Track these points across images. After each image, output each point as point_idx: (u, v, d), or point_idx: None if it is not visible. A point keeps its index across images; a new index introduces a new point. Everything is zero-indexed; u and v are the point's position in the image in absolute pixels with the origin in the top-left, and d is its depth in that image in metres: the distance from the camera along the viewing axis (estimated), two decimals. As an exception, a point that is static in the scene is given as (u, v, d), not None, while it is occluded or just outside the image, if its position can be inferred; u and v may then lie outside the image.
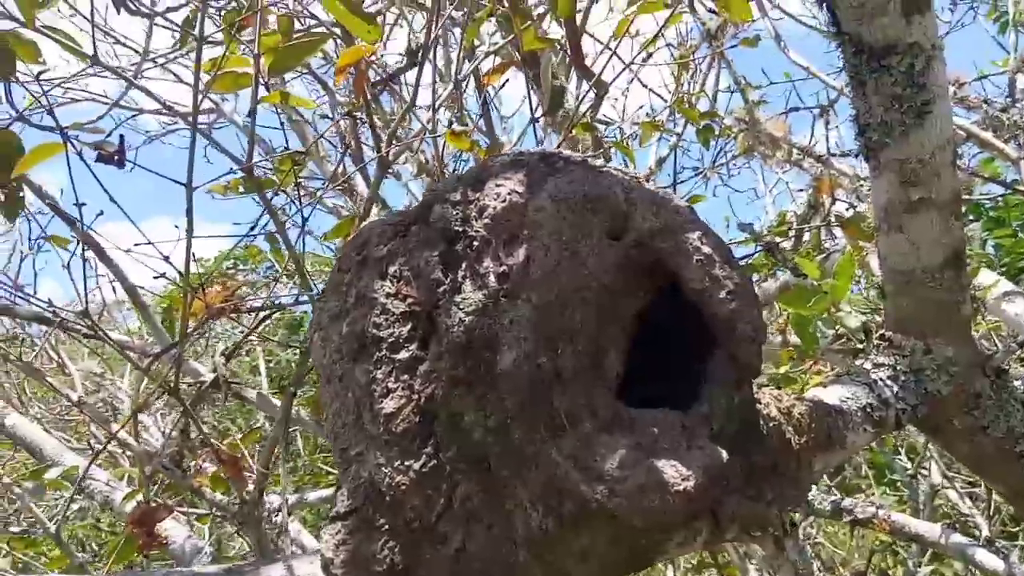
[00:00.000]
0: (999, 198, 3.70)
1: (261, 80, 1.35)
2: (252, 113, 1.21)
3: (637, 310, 0.96)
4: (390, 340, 0.80)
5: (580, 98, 1.88)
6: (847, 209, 2.63)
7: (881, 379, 1.28)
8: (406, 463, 0.76)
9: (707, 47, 2.80)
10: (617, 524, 0.78)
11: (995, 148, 2.23)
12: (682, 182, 3.53)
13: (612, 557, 0.81)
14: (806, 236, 3.22)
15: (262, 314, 1.52)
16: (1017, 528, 2.68)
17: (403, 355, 0.79)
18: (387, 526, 0.76)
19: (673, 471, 0.80)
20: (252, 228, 1.36)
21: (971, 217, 3.35)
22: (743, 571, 3.00)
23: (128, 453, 1.80)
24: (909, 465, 3.43)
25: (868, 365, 1.32)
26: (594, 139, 2.15)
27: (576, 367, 0.82)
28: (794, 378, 1.52)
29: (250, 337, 1.67)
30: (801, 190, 3.68)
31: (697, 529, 0.98)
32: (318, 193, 1.79)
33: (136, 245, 1.37)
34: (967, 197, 2.92)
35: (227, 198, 1.58)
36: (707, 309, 0.87)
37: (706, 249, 0.87)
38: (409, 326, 0.80)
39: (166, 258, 1.37)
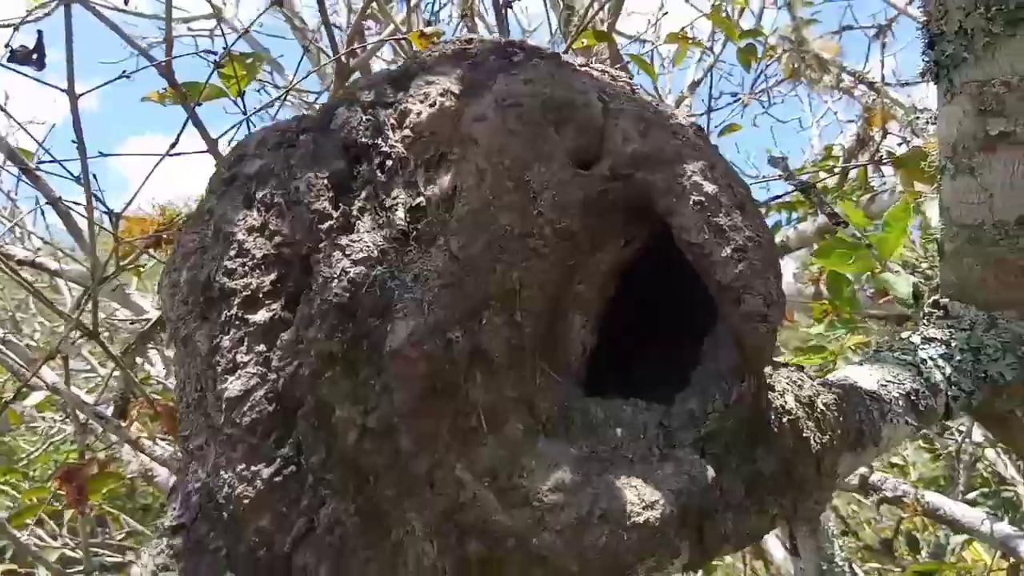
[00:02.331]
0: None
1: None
2: None
3: (616, 262, 0.72)
4: (244, 295, 0.57)
5: (595, -2, 1.58)
6: (899, 145, 2.32)
7: (931, 358, 1.03)
8: (253, 468, 0.54)
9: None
10: (550, 569, 0.55)
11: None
12: (717, 109, 3.21)
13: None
14: (852, 173, 2.91)
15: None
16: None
17: (261, 316, 0.56)
18: (224, 551, 0.55)
19: (633, 495, 0.58)
20: (173, 145, 1.12)
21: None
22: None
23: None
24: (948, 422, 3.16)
25: (916, 339, 1.07)
26: (612, 51, 1.85)
27: (509, 345, 0.58)
28: (822, 346, 1.27)
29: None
30: (851, 121, 3.34)
31: (675, 550, 0.76)
32: (273, 102, 1.54)
33: (40, 163, 1.15)
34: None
35: (166, 106, 1.33)
36: (705, 271, 0.62)
37: (709, 187, 0.62)
38: (274, 275, 0.57)
39: (76, 179, 1.15)
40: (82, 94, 0.90)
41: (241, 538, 0.55)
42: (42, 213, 1.32)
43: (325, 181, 0.59)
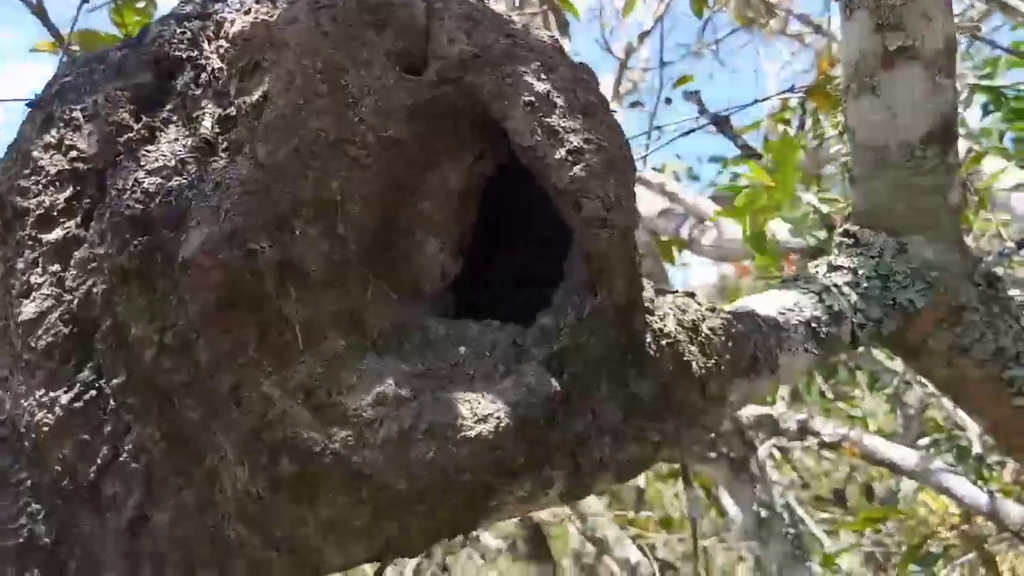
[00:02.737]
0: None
1: None
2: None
3: (470, 180, 0.69)
4: (38, 213, 0.54)
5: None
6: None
7: (835, 286, 1.01)
8: (52, 394, 0.51)
9: None
10: (373, 487, 0.53)
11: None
12: (669, 63, 3.17)
13: (386, 532, 0.56)
14: (808, 124, 2.88)
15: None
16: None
17: (54, 235, 0.53)
18: (28, 483, 0.52)
19: (466, 409, 0.55)
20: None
21: (991, 108, 2.96)
22: (715, 483, 2.83)
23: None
24: (900, 368, 3.16)
25: (823, 268, 1.05)
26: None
27: (329, 259, 0.55)
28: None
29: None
30: (806, 72, 3.31)
31: (547, 480, 0.73)
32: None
33: None
34: (987, 83, 2.56)
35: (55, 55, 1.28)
36: (542, 175, 0.59)
37: (540, 87, 0.59)
38: (68, 192, 0.54)
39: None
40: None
41: (45, 468, 0.52)
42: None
43: (127, 93, 0.56)
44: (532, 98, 0.58)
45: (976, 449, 2.61)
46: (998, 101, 3.08)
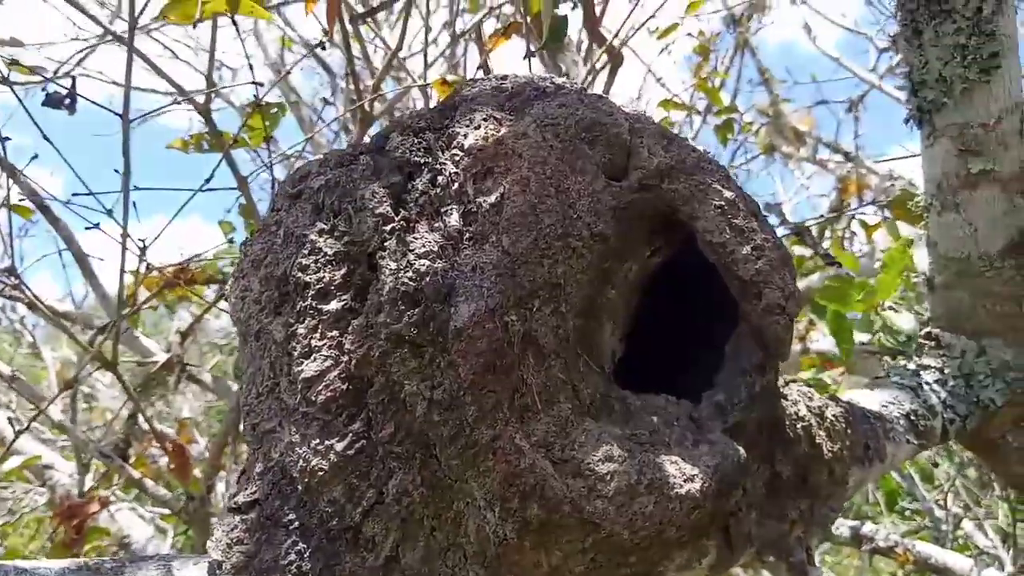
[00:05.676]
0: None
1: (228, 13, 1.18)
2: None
3: (641, 274, 0.78)
4: (318, 287, 0.62)
5: (591, 68, 1.70)
6: (875, 212, 2.43)
7: (927, 383, 1.09)
8: (327, 443, 0.59)
9: (730, 33, 2.62)
10: (599, 536, 0.59)
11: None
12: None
13: (593, 580, 0.62)
14: (826, 243, 3.02)
15: (226, 287, 1.35)
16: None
17: (333, 305, 0.62)
18: (297, 524, 0.58)
19: (674, 469, 0.62)
20: (208, 180, 1.19)
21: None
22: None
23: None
24: (927, 494, 3.24)
25: (912, 366, 1.13)
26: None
27: (556, 333, 0.64)
28: (823, 384, 1.32)
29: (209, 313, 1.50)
30: (822, 196, 3.49)
31: (703, 549, 0.80)
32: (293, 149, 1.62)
33: (75, 195, 1.21)
34: None
35: (188, 155, 1.40)
36: (727, 269, 0.69)
37: (728, 193, 0.69)
38: (344, 270, 0.63)
39: (108, 212, 1.21)
40: (134, 120, 0.97)
41: (313, 510, 0.58)
42: (60, 254, 1.37)
43: (386, 191, 0.66)
44: (722, 203, 0.69)
45: (1008, 568, 2.61)
46: None
